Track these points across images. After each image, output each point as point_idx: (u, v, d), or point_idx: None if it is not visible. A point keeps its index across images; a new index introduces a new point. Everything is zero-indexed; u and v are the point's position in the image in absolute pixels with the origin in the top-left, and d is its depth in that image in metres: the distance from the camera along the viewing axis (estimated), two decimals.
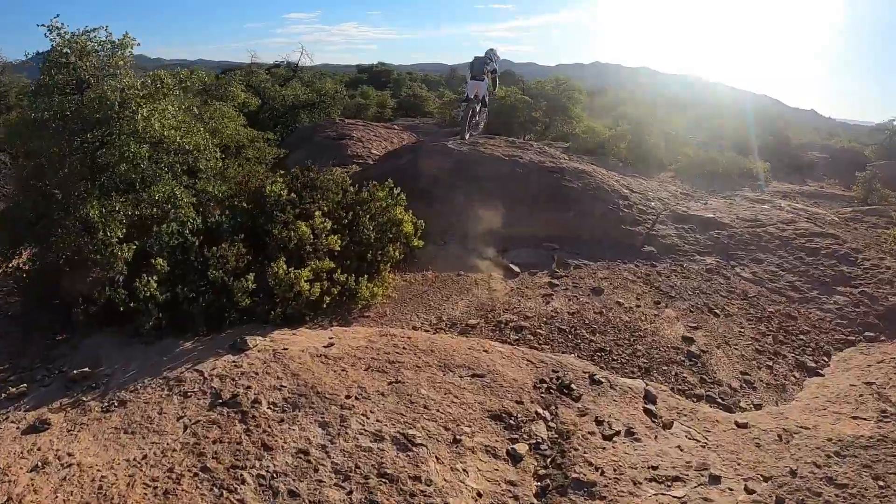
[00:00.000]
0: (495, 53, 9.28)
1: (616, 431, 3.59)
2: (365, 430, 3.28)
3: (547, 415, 3.57)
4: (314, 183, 6.05)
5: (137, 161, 5.00)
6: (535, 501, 3.04)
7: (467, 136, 9.04)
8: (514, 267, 6.29)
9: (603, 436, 3.54)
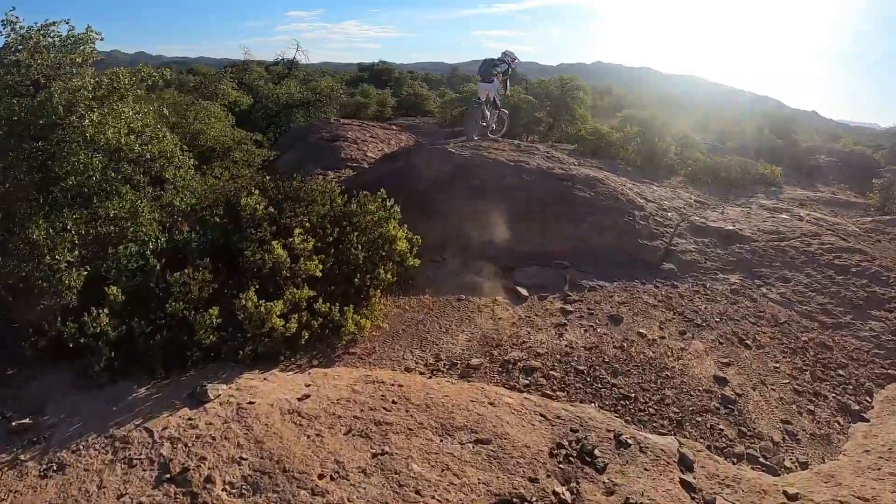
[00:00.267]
0: (510, 55, 8.67)
1: None
2: None
3: (568, 496, 2.89)
4: (297, 193, 5.39)
5: (90, 173, 4.32)
6: None
7: (475, 138, 8.54)
8: (522, 290, 5.60)
9: None
